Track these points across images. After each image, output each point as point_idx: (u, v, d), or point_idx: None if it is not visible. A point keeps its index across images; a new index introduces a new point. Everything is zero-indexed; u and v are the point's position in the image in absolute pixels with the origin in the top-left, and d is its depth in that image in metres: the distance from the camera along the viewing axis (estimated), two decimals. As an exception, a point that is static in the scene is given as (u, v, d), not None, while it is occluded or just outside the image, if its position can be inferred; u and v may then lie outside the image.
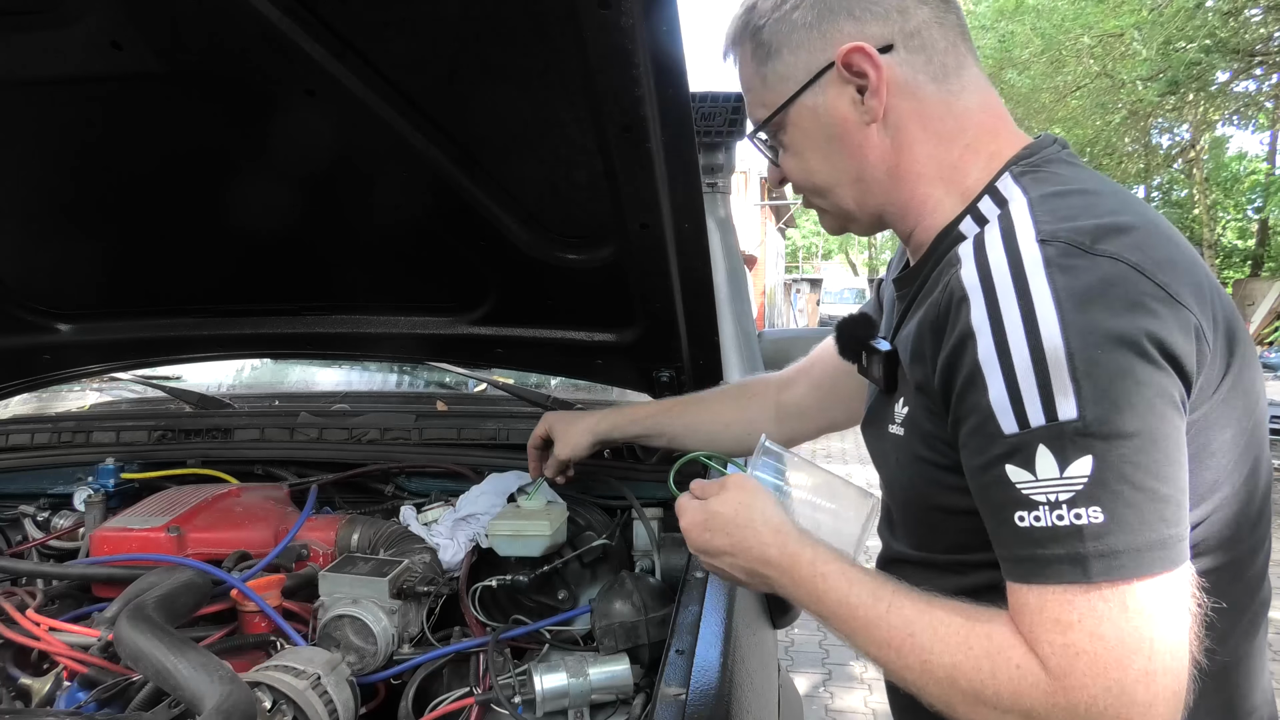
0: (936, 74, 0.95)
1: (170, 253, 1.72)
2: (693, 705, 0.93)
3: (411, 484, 1.86)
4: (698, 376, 1.74)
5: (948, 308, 0.83)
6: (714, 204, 2.42)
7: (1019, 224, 0.82)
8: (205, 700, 1.02)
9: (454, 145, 1.32)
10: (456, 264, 1.69)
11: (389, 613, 1.35)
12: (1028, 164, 0.92)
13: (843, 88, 0.95)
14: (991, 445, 0.79)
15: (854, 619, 0.89)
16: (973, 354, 0.80)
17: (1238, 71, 15.64)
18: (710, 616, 1.13)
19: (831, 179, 1.01)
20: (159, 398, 2.36)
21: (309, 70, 1.15)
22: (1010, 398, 0.77)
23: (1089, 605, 0.74)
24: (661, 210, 1.31)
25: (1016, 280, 0.78)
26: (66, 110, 1.32)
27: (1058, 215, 0.82)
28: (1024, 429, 0.76)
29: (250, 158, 1.44)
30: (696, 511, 1.05)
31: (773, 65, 0.99)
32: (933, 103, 0.95)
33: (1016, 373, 0.77)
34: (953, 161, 0.95)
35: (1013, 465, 0.77)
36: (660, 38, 1.02)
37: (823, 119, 0.97)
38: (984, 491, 0.81)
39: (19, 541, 1.77)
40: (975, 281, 0.81)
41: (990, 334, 0.79)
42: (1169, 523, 0.74)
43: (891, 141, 0.96)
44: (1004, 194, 0.90)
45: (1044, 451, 0.75)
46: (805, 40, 0.96)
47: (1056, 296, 0.76)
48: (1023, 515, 0.77)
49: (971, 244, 0.85)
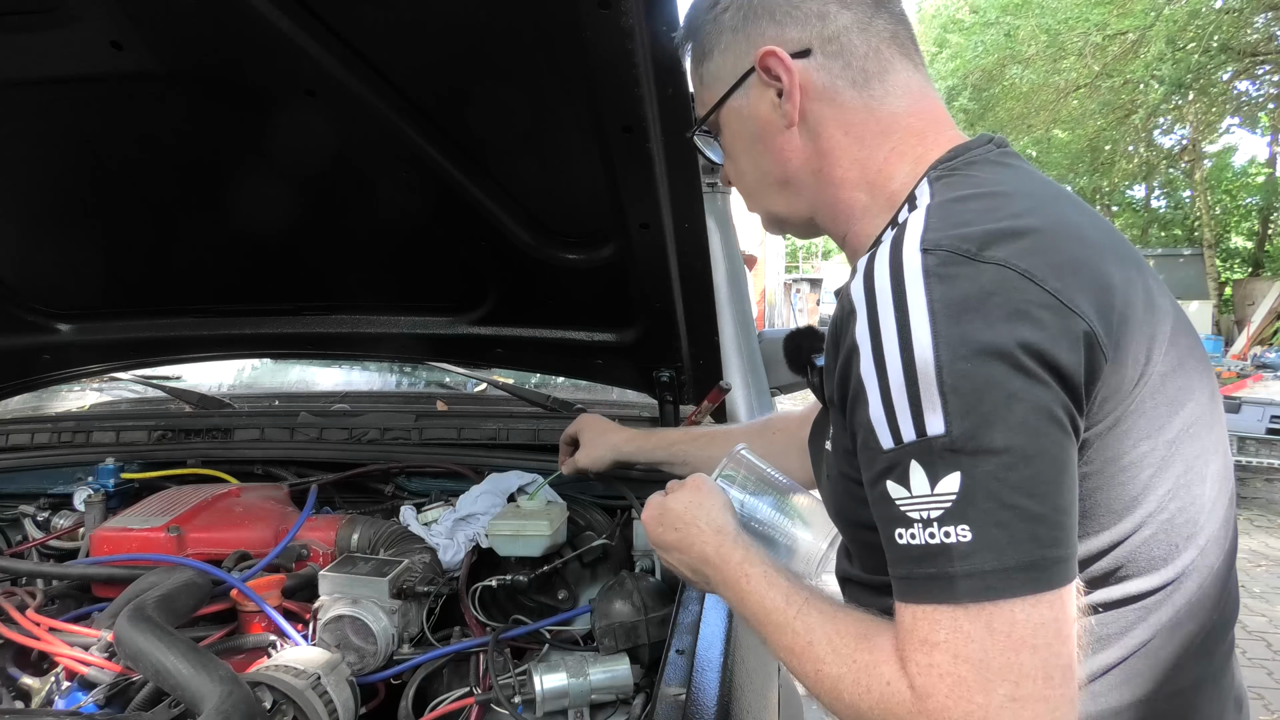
0: (856, 79, 0.94)
1: (170, 253, 1.73)
2: (693, 705, 0.93)
3: (411, 484, 1.86)
4: (698, 376, 1.74)
5: (840, 321, 0.82)
6: (714, 204, 2.42)
7: (909, 232, 0.79)
8: (205, 700, 1.02)
9: (454, 145, 1.32)
10: (456, 264, 1.69)
11: (389, 613, 1.35)
12: (947, 167, 0.89)
13: (764, 91, 0.96)
14: (874, 461, 0.77)
15: (767, 622, 0.89)
16: (857, 368, 0.78)
17: (1238, 72, 15.65)
18: (710, 616, 1.13)
19: (758, 181, 1.02)
20: (159, 398, 2.36)
21: (309, 70, 1.15)
22: (885, 413, 0.75)
23: (954, 625, 0.72)
24: (661, 210, 1.31)
25: (895, 292, 0.76)
26: (66, 110, 1.32)
27: (950, 221, 0.79)
28: (898, 444, 0.75)
29: (250, 158, 1.44)
30: (655, 506, 1.07)
31: (707, 66, 1.01)
32: (853, 108, 0.94)
33: (890, 387, 0.75)
34: (877, 166, 0.94)
35: (891, 481, 0.75)
36: (660, 38, 1.03)
37: (747, 122, 0.99)
38: (874, 508, 0.79)
39: (19, 541, 1.77)
40: (861, 294, 0.79)
41: (870, 348, 0.77)
42: (1043, 543, 0.71)
43: (814, 146, 0.96)
44: (918, 200, 0.88)
45: (916, 467, 0.73)
46: (732, 43, 0.97)
47: (931, 308, 0.74)
48: (901, 532, 0.75)
49: (866, 257, 0.82)
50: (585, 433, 1.61)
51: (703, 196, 1.31)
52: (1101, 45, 15.87)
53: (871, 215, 0.95)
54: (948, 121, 0.97)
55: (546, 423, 1.96)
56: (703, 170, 2.21)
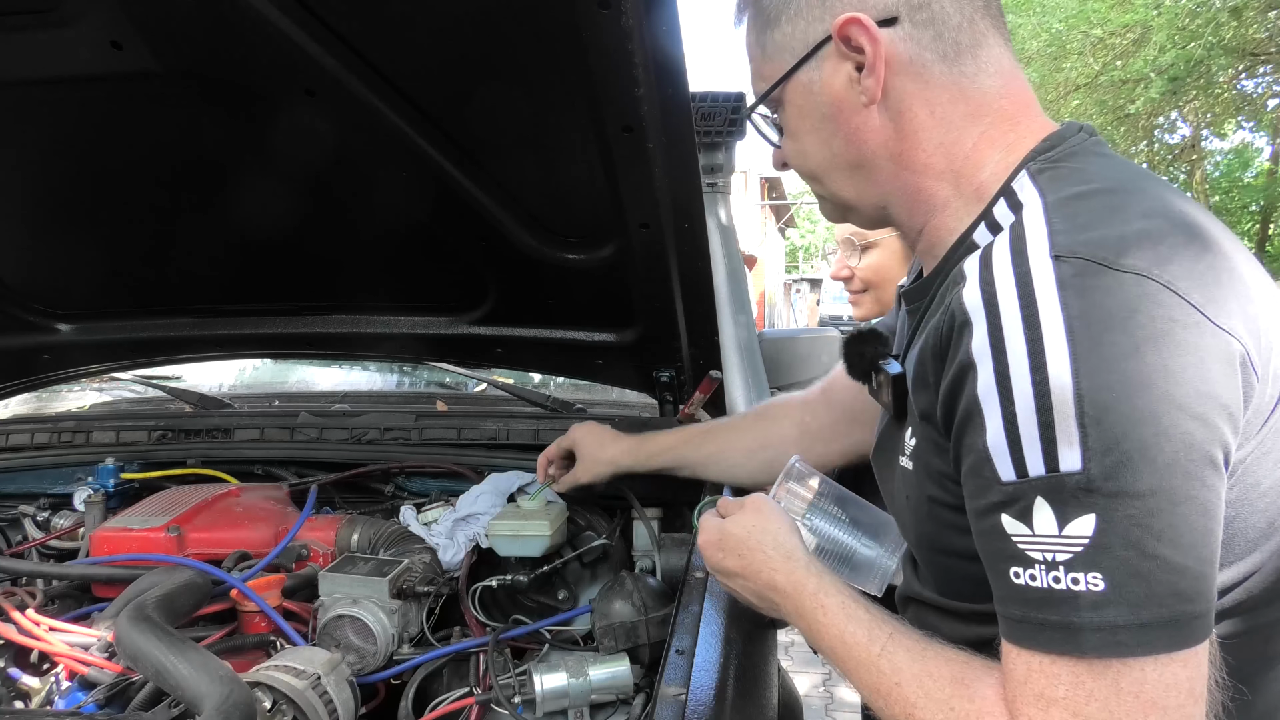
0: (947, 52, 0.83)
1: (170, 252, 1.73)
2: (693, 705, 0.93)
3: (411, 484, 1.86)
4: (697, 376, 1.74)
5: (949, 332, 0.74)
6: (714, 204, 2.41)
7: (1031, 235, 0.71)
8: (205, 700, 1.02)
9: (454, 145, 1.32)
10: (456, 264, 1.69)
11: (389, 613, 1.35)
12: (1047, 159, 0.80)
13: (840, 63, 0.85)
14: (988, 491, 0.70)
15: (849, 658, 0.84)
16: (972, 387, 0.70)
17: (1238, 71, 15.64)
18: (710, 616, 1.13)
19: (826, 164, 0.91)
20: (159, 398, 2.36)
21: (309, 70, 1.15)
22: (1008, 441, 0.67)
23: (1077, 681, 0.65)
24: (661, 210, 1.31)
25: (1024, 304, 0.68)
26: (66, 110, 1.32)
27: (1077, 223, 0.71)
28: (1021, 478, 0.67)
29: (250, 158, 1.44)
30: (713, 530, 1.03)
31: (771, 34, 0.89)
32: (941, 85, 0.83)
33: (1017, 413, 0.67)
34: (965, 153, 0.84)
35: (1008, 516, 0.68)
36: (660, 38, 1.02)
37: (817, 97, 0.87)
38: (981, 539, 0.73)
39: (19, 541, 1.77)
40: (978, 303, 0.71)
41: (991, 366, 0.69)
42: (1184, 597, 0.64)
43: (894, 126, 0.85)
44: (1019, 196, 0.79)
45: (1042, 504, 0.66)
46: (805, 8, 0.86)
47: (1069, 325, 0.65)
48: (1017, 571, 0.68)
49: (978, 258, 0.74)
50: (582, 446, 1.59)
51: (703, 196, 1.31)
52: (1103, 40, 15.85)
53: (954, 208, 0.86)
54: (1037, 106, 0.87)
55: (546, 423, 1.96)
56: (703, 170, 2.22)
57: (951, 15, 0.83)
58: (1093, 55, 16.39)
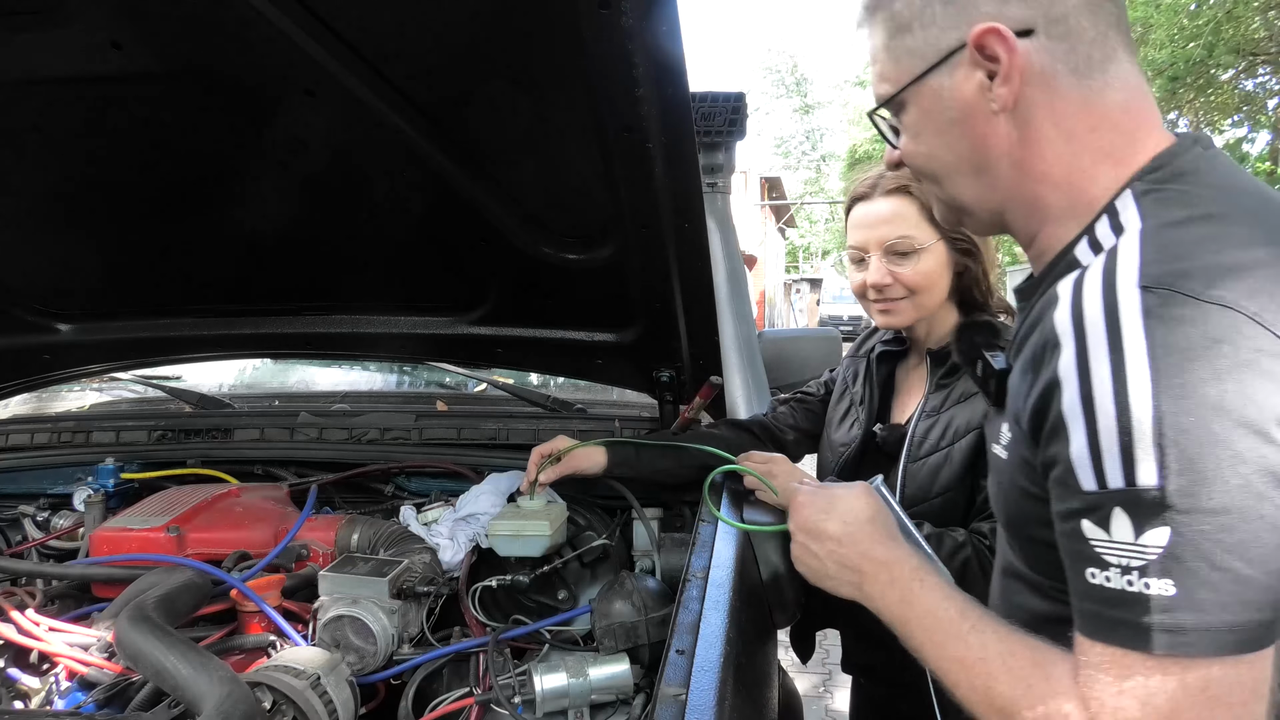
0: (1079, 66, 0.86)
1: (170, 253, 1.72)
2: (693, 705, 0.93)
3: (411, 484, 1.86)
4: (697, 376, 1.74)
5: (1042, 350, 0.79)
6: (714, 204, 2.41)
7: (1123, 263, 0.75)
8: (205, 700, 1.02)
9: (454, 145, 1.32)
10: (456, 264, 1.69)
11: (389, 613, 1.35)
12: (1154, 179, 0.83)
13: (972, 71, 0.88)
14: (1070, 497, 0.76)
15: (936, 629, 0.90)
16: (1058, 403, 0.76)
17: (1238, 71, 15.64)
18: (710, 616, 1.13)
19: (950, 167, 0.95)
20: (159, 398, 2.36)
21: (309, 70, 1.15)
22: (1090, 454, 0.73)
23: (1146, 674, 0.71)
24: (661, 210, 1.31)
25: (1110, 330, 0.73)
26: (66, 110, 1.32)
27: (1169, 253, 0.75)
28: (1101, 489, 0.72)
29: (250, 158, 1.44)
30: (819, 496, 1.10)
31: (903, 39, 0.92)
32: (1069, 98, 0.86)
33: (1099, 429, 0.72)
34: (1082, 166, 0.87)
35: (1088, 521, 0.74)
36: (660, 38, 1.02)
37: (947, 102, 0.90)
38: (1063, 538, 0.79)
39: (19, 541, 1.77)
40: (1068, 326, 0.76)
41: (1077, 384, 0.74)
42: (1250, 607, 0.68)
43: (1020, 135, 0.88)
44: (1122, 218, 0.83)
45: (1119, 515, 0.71)
46: (940, 15, 0.89)
47: (1152, 353, 0.70)
48: (1094, 572, 0.74)
49: (1072, 283, 0.78)
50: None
51: (703, 196, 1.31)
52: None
53: (1066, 219, 0.89)
54: (1157, 121, 0.89)
55: (546, 423, 1.96)
56: (703, 170, 2.22)
57: (1087, 30, 0.86)
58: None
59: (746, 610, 1.29)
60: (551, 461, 1.61)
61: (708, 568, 1.29)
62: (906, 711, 1.45)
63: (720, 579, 1.25)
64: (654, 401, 1.90)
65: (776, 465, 1.63)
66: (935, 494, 1.55)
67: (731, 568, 1.30)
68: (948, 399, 1.57)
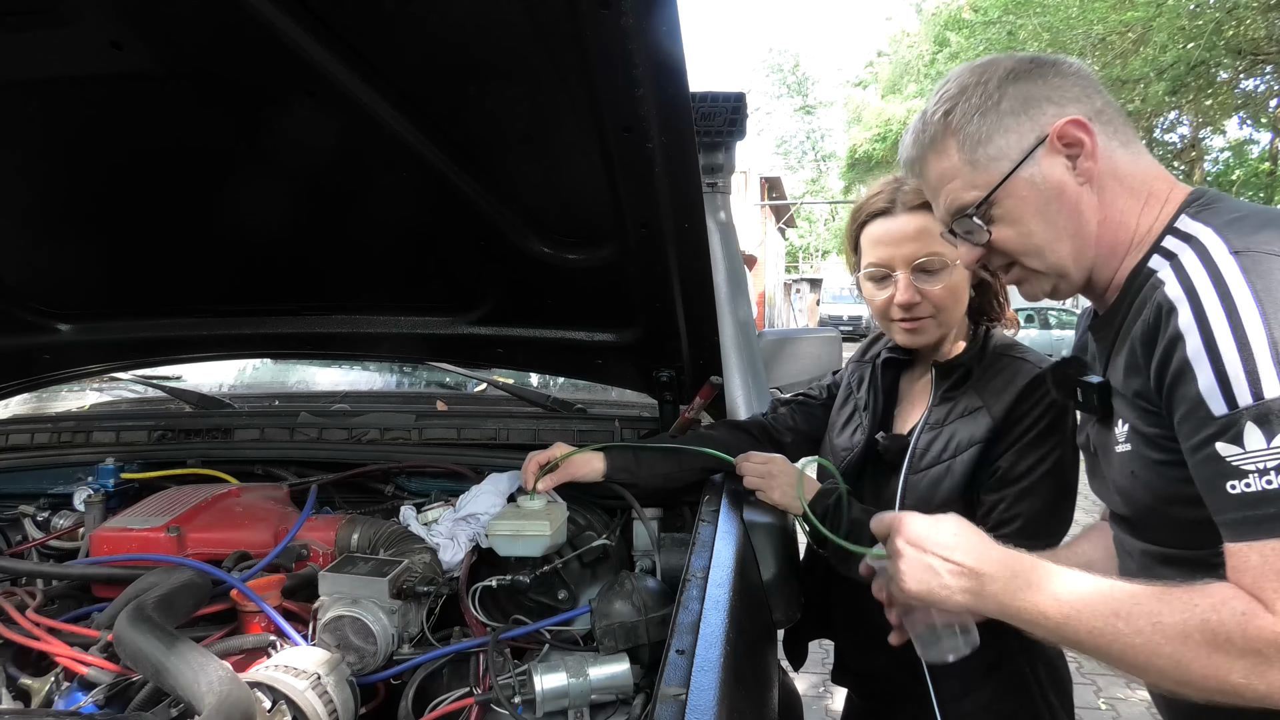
0: (1124, 140, 1.12)
1: (170, 253, 1.72)
2: (693, 705, 0.93)
3: (411, 484, 1.86)
4: (697, 377, 1.74)
5: (1156, 321, 0.97)
6: (714, 204, 2.41)
7: (1211, 245, 0.97)
8: (205, 700, 1.02)
9: (454, 145, 1.32)
10: (456, 264, 1.69)
11: (389, 613, 1.35)
12: (1199, 204, 1.07)
13: (1054, 157, 1.11)
14: (1204, 427, 0.90)
15: (1076, 598, 0.98)
16: (1182, 352, 0.93)
17: (1239, 70, 15.63)
18: (710, 616, 1.13)
19: (1051, 238, 1.14)
20: (159, 398, 2.37)
21: (309, 70, 1.15)
22: (1219, 383, 0.89)
23: None
24: (661, 210, 1.31)
25: (1218, 286, 0.92)
26: (66, 110, 1.32)
27: (1243, 233, 0.96)
28: (1233, 409, 0.88)
29: (250, 158, 1.44)
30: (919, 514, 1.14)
31: (984, 150, 1.13)
32: (1124, 163, 1.12)
33: (1224, 361, 0.89)
34: (1140, 210, 1.11)
35: (1223, 442, 0.89)
36: (660, 38, 1.02)
37: (1040, 186, 1.12)
38: (1199, 469, 0.93)
39: (19, 541, 1.77)
40: (1180, 293, 0.95)
41: (1198, 333, 0.91)
42: None
43: (1099, 198, 1.11)
44: (1187, 230, 1.04)
45: (1251, 428, 0.87)
46: (1015, 124, 1.12)
47: (1257, 295, 0.89)
48: (1234, 484, 0.88)
49: (1170, 267, 0.99)
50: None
51: (703, 196, 1.31)
52: (1104, 38, 15.84)
53: (1134, 252, 1.11)
54: (1169, 174, 1.16)
55: (546, 423, 1.96)
56: (703, 170, 2.22)
57: (1116, 117, 1.14)
58: (1093, 55, 16.38)
59: (746, 610, 1.29)
60: (548, 469, 1.61)
61: (708, 568, 1.29)
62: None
63: (720, 579, 1.25)
64: (654, 401, 1.90)
65: (775, 465, 1.63)
66: (935, 506, 1.55)
67: (731, 568, 1.30)
68: (951, 412, 1.57)
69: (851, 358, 1.91)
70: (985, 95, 1.14)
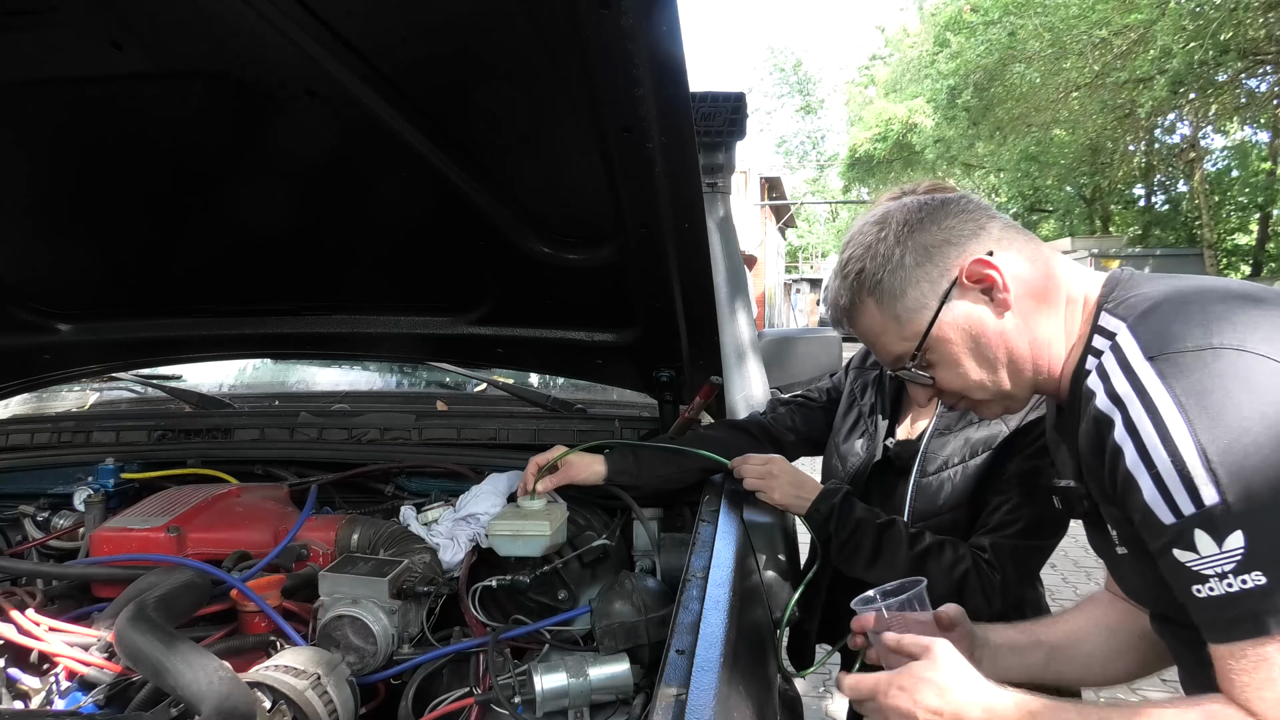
0: (1030, 257, 1.15)
1: (170, 253, 1.72)
2: (693, 705, 0.93)
3: (411, 484, 1.86)
4: (697, 377, 1.74)
5: (1097, 432, 0.99)
6: (714, 204, 2.42)
7: (1127, 349, 0.98)
8: (205, 700, 1.02)
9: (454, 145, 1.32)
10: (456, 264, 1.68)
11: (389, 613, 1.35)
12: (1113, 298, 1.09)
13: (969, 296, 1.14)
14: (1159, 535, 0.92)
15: None
16: (1123, 465, 0.94)
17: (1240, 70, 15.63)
18: (710, 616, 1.13)
19: (987, 371, 1.17)
20: (159, 398, 2.36)
21: (309, 70, 1.15)
22: (1161, 494, 0.90)
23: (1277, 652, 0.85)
24: (661, 210, 1.31)
25: (1141, 396, 0.93)
26: (66, 110, 1.32)
27: (1154, 330, 0.98)
28: (1179, 518, 0.89)
29: (250, 158, 1.44)
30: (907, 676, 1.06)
31: (902, 303, 1.17)
32: (1032, 279, 1.14)
33: (1161, 473, 0.90)
34: (1061, 317, 1.15)
35: (1178, 549, 0.90)
36: (660, 38, 1.02)
37: (964, 326, 1.15)
38: (1166, 572, 0.94)
39: (19, 541, 1.77)
40: (1109, 405, 0.97)
41: (1132, 445, 0.93)
42: None
43: (1022, 321, 1.14)
44: (1108, 328, 1.05)
45: (1200, 534, 0.88)
46: (924, 274, 1.15)
47: (1178, 401, 0.90)
48: (1198, 588, 0.89)
49: (1096, 374, 1.01)
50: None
51: (703, 196, 1.31)
52: (1106, 40, 15.84)
53: (1071, 357, 1.14)
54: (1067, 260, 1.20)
55: (546, 423, 1.96)
56: (703, 170, 2.21)
57: (1016, 238, 1.17)
58: (1093, 57, 16.37)
59: (746, 610, 1.29)
60: (548, 470, 1.61)
61: (708, 568, 1.29)
62: None
63: (720, 579, 1.25)
64: (654, 401, 1.90)
65: (774, 465, 1.63)
66: (944, 510, 1.58)
67: (731, 567, 1.30)
68: (961, 417, 1.60)
69: (851, 363, 1.92)
70: (887, 251, 1.17)
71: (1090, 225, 24.35)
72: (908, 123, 23.81)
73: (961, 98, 18.83)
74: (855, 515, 1.56)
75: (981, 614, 1.52)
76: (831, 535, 1.57)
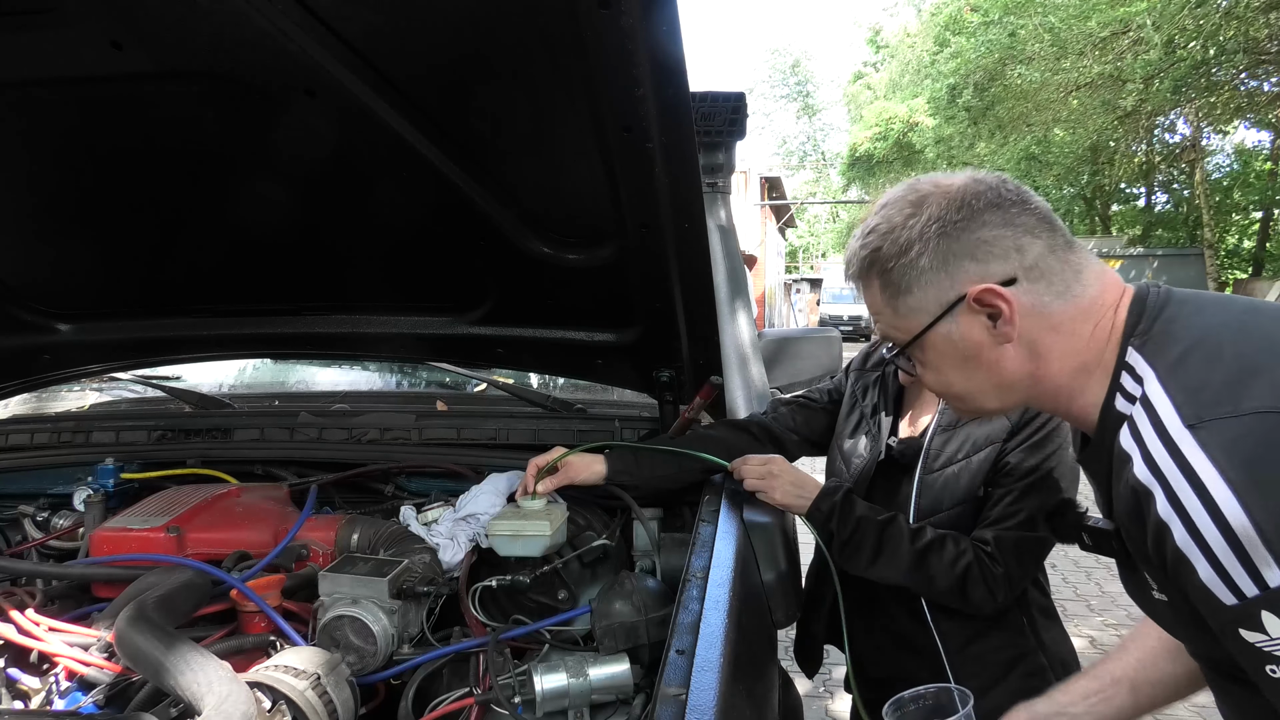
0: (1060, 292, 1.03)
1: (170, 253, 1.73)
2: (693, 705, 0.93)
3: (411, 484, 1.86)
4: (697, 376, 1.74)
5: (1136, 503, 0.91)
6: (714, 204, 2.41)
7: (1163, 413, 0.90)
8: (204, 700, 1.02)
9: (454, 146, 1.32)
10: (456, 264, 1.69)
11: (389, 613, 1.35)
12: (1140, 331, 1.00)
13: (974, 316, 1.04)
14: (1220, 614, 0.86)
15: None
16: (1173, 543, 0.87)
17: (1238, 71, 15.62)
18: (710, 616, 1.13)
19: (970, 389, 1.11)
20: (159, 398, 2.36)
21: (309, 70, 1.15)
22: (1219, 576, 0.84)
23: None
24: (661, 210, 1.31)
25: (1184, 469, 0.86)
26: (66, 110, 1.32)
27: (1189, 389, 0.90)
28: (1241, 600, 0.83)
29: (250, 158, 1.44)
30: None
31: (904, 300, 1.09)
32: (1060, 313, 1.03)
33: (1216, 555, 0.84)
34: (1086, 347, 1.03)
35: (1244, 630, 0.85)
36: (660, 38, 1.02)
37: (957, 343, 1.07)
38: (1233, 649, 0.88)
39: (19, 541, 1.77)
40: (1149, 477, 0.89)
41: (1180, 524, 0.86)
42: None
43: (1028, 352, 1.04)
44: (1137, 370, 0.97)
45: (1268, 615, 0.82)
46: (933, 280, 1.05)
47: (1225, 476, 0.83)
48: (1273, 668, 0.85)
49: (1131, 438, 0.93)
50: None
51: (703, 196, 1.31)
52: (1106, 40, 15.84)
53: (1090, 390, 1.03)
54: (1117, 278, 1.07)
55: (546, 423, 1.96)
56: (703, 170, 2.21)
57: (1054, 266, 1.03)
58: (1093, 57, 16.37)
59: (746, 610, 1.29)
60: (548, 472, 1.61)
61: (708, 568, 1.29)
62: None
63: (720, 579, 1.25)
64: (654, 402, 1.90)
65: (775, 465, 1.64)
66: (949, 505, 1.59)
67: (731, 567, 1.30)
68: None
69: (852, 364, 1.92)
70: (908, 243, 1.07)
71: (1090, 225, 24.36)
72: (908, 121, 23.83)
73: (962, 97, 18.84)
74: (856, 513, 1.57)
75: (986, 607, 1.53)
76: (833, 534, 1.58)
